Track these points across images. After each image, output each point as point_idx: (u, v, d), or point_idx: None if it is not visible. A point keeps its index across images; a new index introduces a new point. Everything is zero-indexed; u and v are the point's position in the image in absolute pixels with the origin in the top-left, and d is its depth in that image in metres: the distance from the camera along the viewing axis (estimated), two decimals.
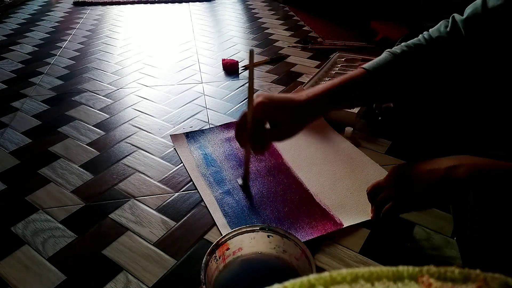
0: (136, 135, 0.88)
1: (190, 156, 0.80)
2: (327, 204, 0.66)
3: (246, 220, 0.63)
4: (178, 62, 1.27)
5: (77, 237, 0.61)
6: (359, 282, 0.19)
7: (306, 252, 0.44)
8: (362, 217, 0.62)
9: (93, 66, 1.26)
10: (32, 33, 1.58)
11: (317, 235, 0.59)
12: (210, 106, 0.99)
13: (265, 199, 0.67)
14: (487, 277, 0.18)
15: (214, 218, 0.64)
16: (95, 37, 1.52)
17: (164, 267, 0.56)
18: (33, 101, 1.04)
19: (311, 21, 1.66)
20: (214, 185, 0.71)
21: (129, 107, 1.00)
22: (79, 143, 0.85)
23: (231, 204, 0.67)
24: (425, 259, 0.56)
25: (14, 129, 0.91)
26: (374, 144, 0.82)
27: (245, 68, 1.20)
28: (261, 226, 0.48)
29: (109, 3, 2.00)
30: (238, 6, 1.97)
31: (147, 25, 1.67)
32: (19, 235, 0.62)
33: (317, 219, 0.62)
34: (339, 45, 1.34)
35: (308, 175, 0.72)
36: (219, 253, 0.46)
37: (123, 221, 0.64)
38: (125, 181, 0.73)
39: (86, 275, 0.55)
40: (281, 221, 0.62)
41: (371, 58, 0.54)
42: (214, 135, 0.86)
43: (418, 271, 0.19)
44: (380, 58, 0.57)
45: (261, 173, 0.74)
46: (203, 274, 0.42)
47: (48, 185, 0.73)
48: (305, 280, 0.19)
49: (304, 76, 1.14)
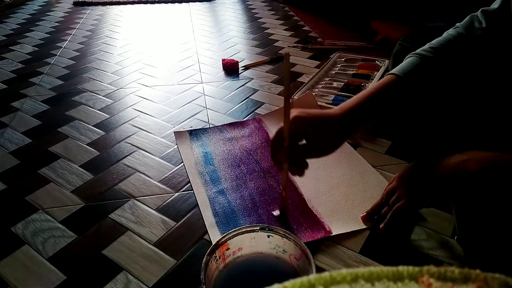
0: (136, 135, 0.88)
1: (191, 153, 0.80)
2: (320, 210, 0.65)
3: (235, 221, 0.63)
4: (178, 62, 1.27)
5: (77, 237, 0.61)
6: (359, 282, 0.19)
7: (306, 252, 0.44)
8: (353, 226, 0.61)
9: (93, 66, 1.26)
10: (32, 33, 1.58)
11: (304, 241, 0.58)
12: (210, 106, 0.99)
13: (258, 202, 0.67)
14: (487, 277, 0.18)
15: (204, 216, 0.64)
16: (95, 37, 1.52)
17: (164, 267, 0.56)
18: (33, 101, 1.04)
19: (311, 21, 1.66)
20: (209, 184, 0.71)
21: (129, 107, 1.00)
22: (79, 143, 0.85)
23: (222, 204, 0.66)
24: (425, 259, 0.56)
25: (14, 129, 0.91)
26: (374, 144, 0.82)
27: (245, 68, 1.21)
28: (261, 226, 0.48)
29: (109, 3, 2.00)
30: (238, 6, 1.97)
31: (147, 25, 1.67)
32: (19, 235, 0.62)
33: (307, 226, 0.62)
34: (339, 45, 1.34)
35: (304, 180, 0.71)
36: (219, 253, 0.46)
37: (123, 221, 0.64)
38: (125, 181, 0.73)
39: (86, 275, 0.55)
40: (270, 225, 0.62)
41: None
42: (217, 134, 0.86)
43: (418, 271, 0.19)
44: (407, 62, 0.55)
45: (257, 174, 0.74)
46: (203, 274, 0.42)
47: (48, 185, 0.73)
48: (305, 280, 0.19)
49: (304, 76, 1.14)
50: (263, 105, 0.99)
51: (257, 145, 0.82)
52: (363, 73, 1.06)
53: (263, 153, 0.79)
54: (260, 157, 0.78)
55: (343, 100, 0.92)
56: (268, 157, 0.78)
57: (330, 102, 0.92)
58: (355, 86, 0.99)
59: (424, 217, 0.63)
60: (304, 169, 0.52)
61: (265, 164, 0.76)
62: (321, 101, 0.92)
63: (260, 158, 0.78)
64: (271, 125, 0.89)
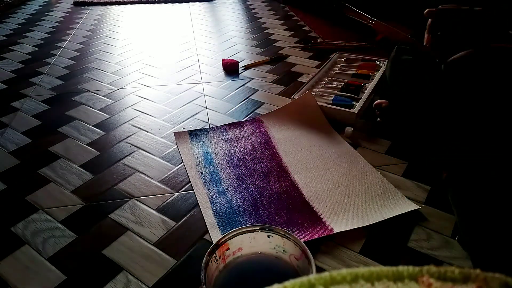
0: (136, 135, 0.88)
1: (191, 154, 0.80)
2: (320, 210, 0.65)
3: (236, 222, 0.63)
4: (178, 62, 1.27)
5: (77, 237, 0.61)
6: (359, 282, 0.19)
7: (306, 252, 0.44)
8: (354, 224, 0.61)
9: (93, 66, 1.26)
10: (32, 33, 1.58)
11: (305, 240, 0.58)
12: (210, 106, 0.99)
13: (259, 202, 0.67)
14: (487, 277, 0.18)
15: (205, 217, 0.64)
16: (95, 37, 1.52)
17: (164, 267, 0.56)
18: (33, 101, 1.04)
19: (311, 21, 1.66)
20: (209, 184, 0.71)
21: (129, 107, 1.00)
22: (79, 143, 0.85)
23: (223, 204, 0.66)
24: (425, 259, 0.56)
25: (14, 129, 0.91)
26: (374, 144, 0.82)
27: (245, 68, 1.21)
28: (261, 226, 0.48)
29: (109, 3, 2.00)
30: (238, 6, 1.97)
31: (147, 25, 1.67)
32: (19, 235, 0.62)
33: (309, 225, 0.62)
34: (339, 45, 1.34)
35: (305, 180, 0.72)
36: (219, 253, 0.46)
37: (123, 221, 0.64)
38: (125, 181, 0.73)
39: (86, 275, 0.55)
40: (271, 224, 0.62)
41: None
42: (217, 135, 0.86)
43: (418, 271, 0.19)
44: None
45: (257, 175, 0.74)
46: (203, 274, 0.42)
47: (48, 185, 0.73)
48: (305, 280, 0.19)
49: (304, 76, 1.14)
50: (263, 105, 0.99)
51: (257, 145, 0.82)
52: (363, 73, 1.06)
53: (263, 153, 0.79)
54: (260, 157, 0.78)
55: (343, 100, 0.93)
56: (268, 157, 0.78)
57: (330, 102, 0.92)
58: (355, 86, 0.99)
59: (424, 217, 0.63)
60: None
61: (265, 164, 0.76)
62: (321, 101, 0.92)
63: (261, 158, 0.78)
64: (271, 125, 0.89)
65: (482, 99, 0.59)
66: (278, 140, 0.83)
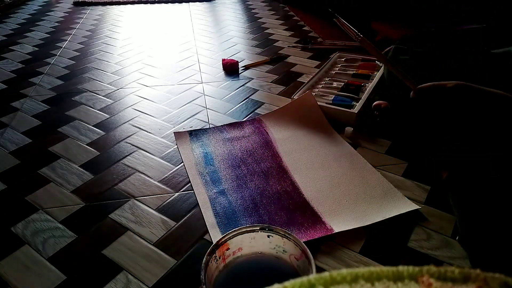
0: (136, 135, 0.88)
1: (191, 154, 0.80)
2: (321, 210, 0.65)
3: (236, 222, 0.62)
4: (178, 62, 1.27)
5: (77, 237, 0.61)
6: (359, 282, 0.19)
7: (306, 252, 0.44)
8: (354, 224, 0.61)
9: (93, 66, 1.26)
10: (32, 33, 1.58)
11: (305, 240, 0.58)
12: (210, 106, 0.99)
13: (259, 202, 0.67)
14: (487, 277, 0.18)
15: (205, 217, 0.64)
16: (95, 37, 1.52)
17: (164, 267, 0.56)
18: (33, 101, 1.04)
19: (311, 21, 1.66)
20: (209, 184, 0.71)
21: (129, 107, 1.00)
22: (79, 143, 0.85)
23: (223, 204, 0.66)
24: (425, 259, 0.56)
25: (14, 129, 0.91)
26: (374, 144, 0.82)
27: (245, 68, 1.21)
28: (261, 226, 0.48)
29: (109, 3, 2.00)
30: (238, 6, 1.97)
31: (147, 25, 1.67)
32: (19, 235, 0.62)
33: (309, 225, 0.62)
34: (339, 45, 1.34)
35: (305, 180, 0.72)
36: (219, 253, 0.46)
37: (123, 221, 0.64)
38: (125, 181, 0.73)
39: (86, 275, 0.55)
40: (271, 224, 0.62)
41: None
42: (217, 135, 0.86)
43: (418, 271, 0.19)
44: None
45: (257, 175, 0.74)
46: (203, 274, 0.42)
47: (48, 185, 0.73)
48: (305, 280, 0.19)
49: (304, 76, 1.14)
50: (263, 105, 0.99)
51: (257, 145, 0.82)
52: (363, 73, 1.06)
53: (263, 153, 0.79)
54: (260, 157, 0.78)
55: (343, 100, 0.93)
56: (268, 157, 0.78)
57: (330, 102, 0.92)
58: (355, 86, 0.99)
59: (424, 217, 0.63)
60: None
61: (265, 164, 0.76)
62: (321, 101, 0.92)
63: (261, 158, 0.78)
64: (271, 125, 0.89)
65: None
66: (278, 140, 0.83)
